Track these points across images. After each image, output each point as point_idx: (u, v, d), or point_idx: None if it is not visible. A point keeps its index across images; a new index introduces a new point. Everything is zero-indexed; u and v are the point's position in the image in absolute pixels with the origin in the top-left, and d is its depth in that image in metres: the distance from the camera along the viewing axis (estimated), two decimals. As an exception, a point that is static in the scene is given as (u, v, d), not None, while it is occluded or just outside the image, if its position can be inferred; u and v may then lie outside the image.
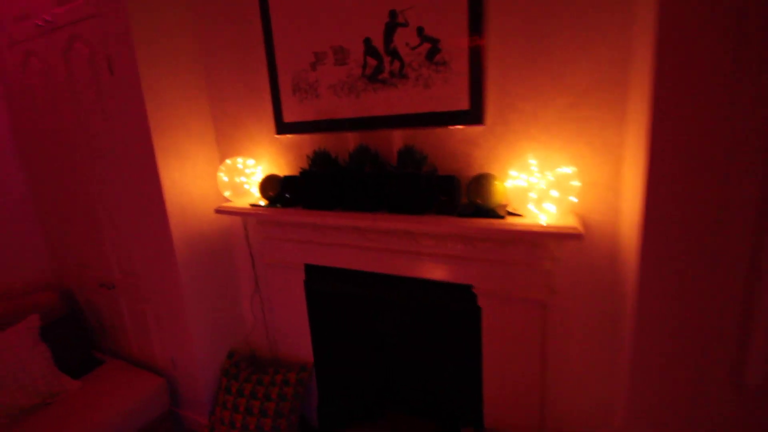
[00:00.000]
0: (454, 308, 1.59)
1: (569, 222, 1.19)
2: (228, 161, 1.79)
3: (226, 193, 1.80)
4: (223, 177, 1.78)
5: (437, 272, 1.53)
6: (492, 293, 1.45)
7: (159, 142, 1.75)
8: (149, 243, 1.93)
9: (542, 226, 1.19)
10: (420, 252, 1.53)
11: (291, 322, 2.02)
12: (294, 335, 2.03)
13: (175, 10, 1.78)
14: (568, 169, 1.21)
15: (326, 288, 1.88)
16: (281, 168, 1.85)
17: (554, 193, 1.19)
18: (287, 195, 1.66)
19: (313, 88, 1.62)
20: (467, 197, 1.34)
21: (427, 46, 1.35)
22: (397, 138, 1.52)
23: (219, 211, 1.79)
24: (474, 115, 1.34)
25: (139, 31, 1.64)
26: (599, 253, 1.31)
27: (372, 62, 1.46)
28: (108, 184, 1.99)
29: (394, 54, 1.41)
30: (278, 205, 1.68)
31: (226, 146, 2.00)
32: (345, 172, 1.48)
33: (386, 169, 1.44)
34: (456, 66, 1.32)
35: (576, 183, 1.20)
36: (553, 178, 1.19)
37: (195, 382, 2.07)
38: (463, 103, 1.34)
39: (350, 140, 1.62)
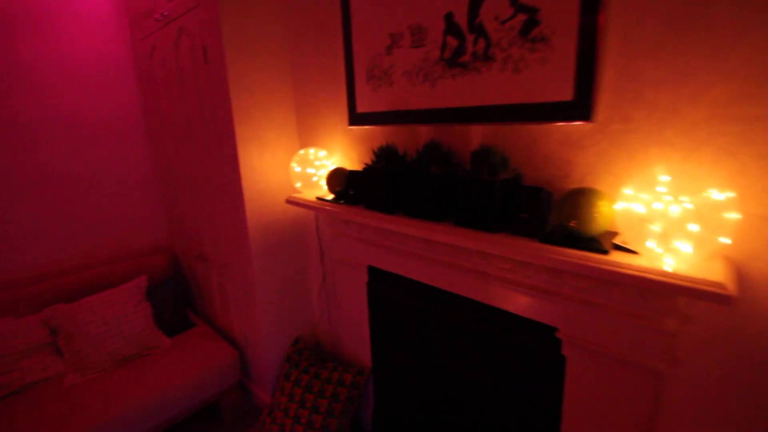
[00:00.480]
0: (530, 348, 1.28)
1: (713, 273, 0.80)
2: (301, 152, 1.74)
3: (297, 184, 1.75)
4: (295, 167, 1.73)
5: (511, 302, 1.24)
6: (583, 344, 1.10)
7: (240, 130, 1.78)
8: (229, 225, 2.02)
9: (666, 274, 0.82)
10: (492, 275, 1.25)
11: (352, 322, 1.92)
12: (354, 335, 1.94)
13: (263, -5, 1.77)
14: (720, 194, 0.81)
15: (388, 294, 1.72)
16: (352, 161, 1.73)
17: (693, 228, 0.81)
18: (351, 191, 1.54)
19: (386, 75, 1.43)
20: (558, 217, 1.02)
21: (521, 18, 1.05)
22: (477, 135, 1.25)
23: (288, 201, 1.75)
24: (579, 107, 1.00)
25: (227, 17, 1.65)
26: (763, 320, 0.87)
27: (452, 42, 1.21)
28: (203, 167, 2.13)
29: (480, 30, 1.14)
30: (342, 202, 1.57)
31: (306, 136, 1.96)
32: (409, 172, 1.28)
33: (456, 172, 1.20)
34: (559, 42, 0.99)
35: (733, 215, 0.80)
36: (693, 206, 0.81)
37: (262, 361, 2.14)
38: (566, 92, 1.01)
39: (423, 135, 1.40)
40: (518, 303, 1.22)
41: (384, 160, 1.35)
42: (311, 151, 1.73)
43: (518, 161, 1.17)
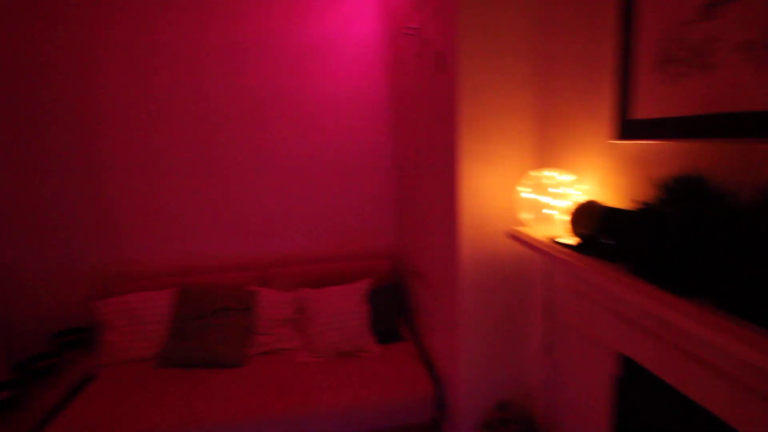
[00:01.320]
0: None
1: None
2: (533, 173, 1.33)
3: (524, 216, 1.36)
4: (524, 193, 1.34)
5: None
6: None
7: (466, 143, 1.54)
8: (443, 247, 1.82)
9: None
10: None
11: (581, 418, 1.36)
12: (580, 435, 1.37)
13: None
14: None
15: (649, 406, 1.08)
16: (614, 194, 1.17)
17: None
18: (608, 240, 1.01)
19: (699, 54, 0.84)
20: None
21: None
22: None
23: (511, 236, 1.38)
24: None
25: (466, 11, 1.43)
26: None
27: None
28: (428, 183, 2.03)
29: None
30: (589, 253, 1.06)
31: (546, 152, 1.52)
32: (736, 228, 0.68)
33: None
34: None
35: None
36: None
37: (457, 411, 1.85)
38: None
39: (774, 159, 0.73)
40: None
41: (680, 199, 0.78)
42: (548, 174, 1.29)
43: None
